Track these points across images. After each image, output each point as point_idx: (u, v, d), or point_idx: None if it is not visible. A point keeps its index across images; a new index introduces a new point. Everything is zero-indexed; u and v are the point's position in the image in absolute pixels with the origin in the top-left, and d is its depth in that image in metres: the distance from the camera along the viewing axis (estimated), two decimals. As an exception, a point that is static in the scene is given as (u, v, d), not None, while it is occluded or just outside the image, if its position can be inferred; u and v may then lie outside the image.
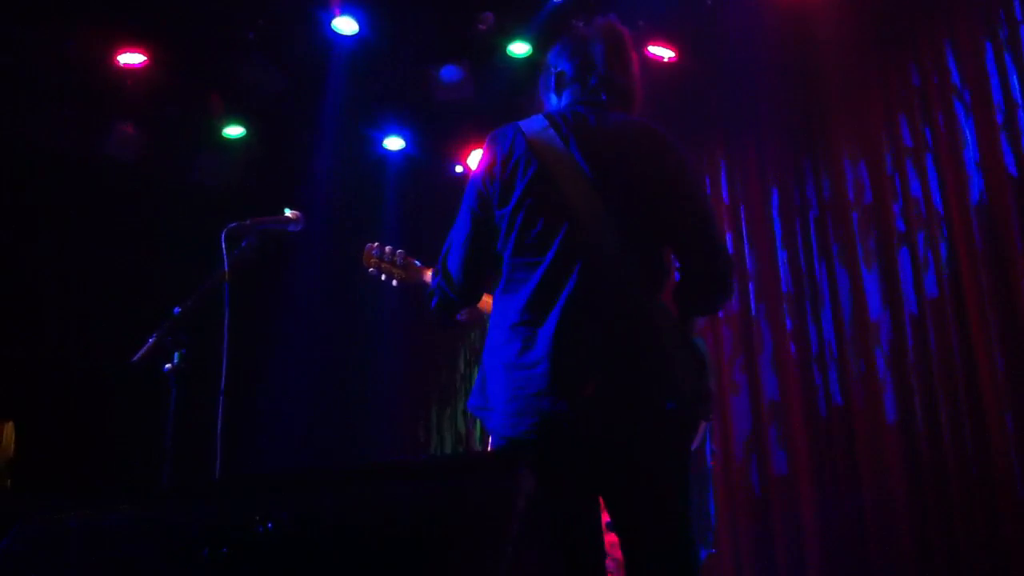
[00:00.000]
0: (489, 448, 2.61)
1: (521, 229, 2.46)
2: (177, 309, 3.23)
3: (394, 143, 7.10)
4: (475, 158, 7.12)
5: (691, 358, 2.43)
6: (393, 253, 3.27)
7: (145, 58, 5.98)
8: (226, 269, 3.29)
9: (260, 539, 1.87)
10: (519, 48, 6.46)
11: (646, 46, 6.23)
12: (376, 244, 3.36)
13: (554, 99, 2.72)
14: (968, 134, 5.49)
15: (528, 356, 2.36)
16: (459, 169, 7.27)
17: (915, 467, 5.41)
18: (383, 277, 3.31)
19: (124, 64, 5.98)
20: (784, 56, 6.20)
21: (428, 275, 3.09)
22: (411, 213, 7.11)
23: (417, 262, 3.27)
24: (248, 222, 3.43)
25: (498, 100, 6.81)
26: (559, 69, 2.72)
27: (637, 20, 6.22)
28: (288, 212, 3.56)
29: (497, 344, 2.46)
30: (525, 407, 2.34)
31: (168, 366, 3.19)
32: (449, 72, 6.41)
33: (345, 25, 6.10)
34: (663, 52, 6.25)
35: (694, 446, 2.74)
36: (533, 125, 2.57)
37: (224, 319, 3.22)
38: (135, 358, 3.18)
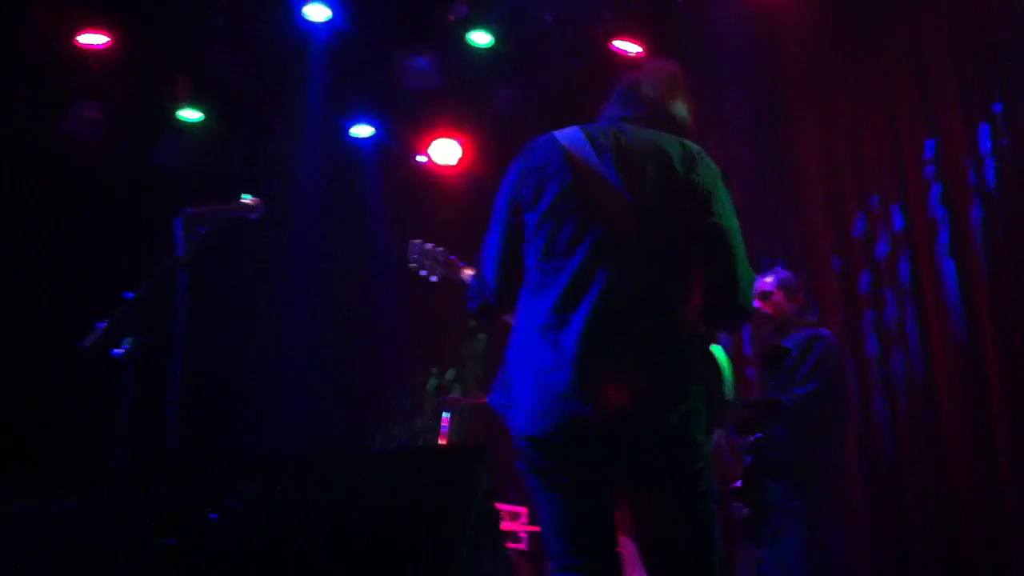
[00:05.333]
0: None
1: (549, 235, 2.52)
2: (130, 294, 3.18)
3: (362, 130, 7.07)
4: (440, 148, 7.13)
5: (710, 369, 2.52)
6: (435, 250, 3.33)
7: (109, 39, 5.92)
8: (180, 255, 3.25)
9: (209, 528, 1.85)
10: (480, 37, 6.42)
11: (612, 41, 6.24)
12: (420, 240, 3.43)
13: (600, 116, 2.78)
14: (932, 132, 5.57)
15: (554, 359, 2.41)
16: (422, 159, 7.25)
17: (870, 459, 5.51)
18: (423, 273, 3.37)
19: (85, 44, 5.91)
20: (751, 54, 6.24)
21: (466, 273, 3.17)
22: (380, 201, 7.07)
23: (458, 260, 3.32)
24: (204, 208, 3.38)
25: (464, 89, 6.81)
26: (606, 98, 2.79)
27: (603, 12, 6.24)
28: (247, 198, 3.52)
29: (523, 345, 2.51)
30: (551, 408, 2.39)
31: (119, 352, 3.14)
32: (417, 61, 6.39)
33: (316, 12, 6.07)
34: (630, 47, 6.26)
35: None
36: (569, 136, 2.63)
37: (178, 306, 3.18)
38: (86, 343, 3.13)
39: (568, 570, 2.43)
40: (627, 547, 2.57)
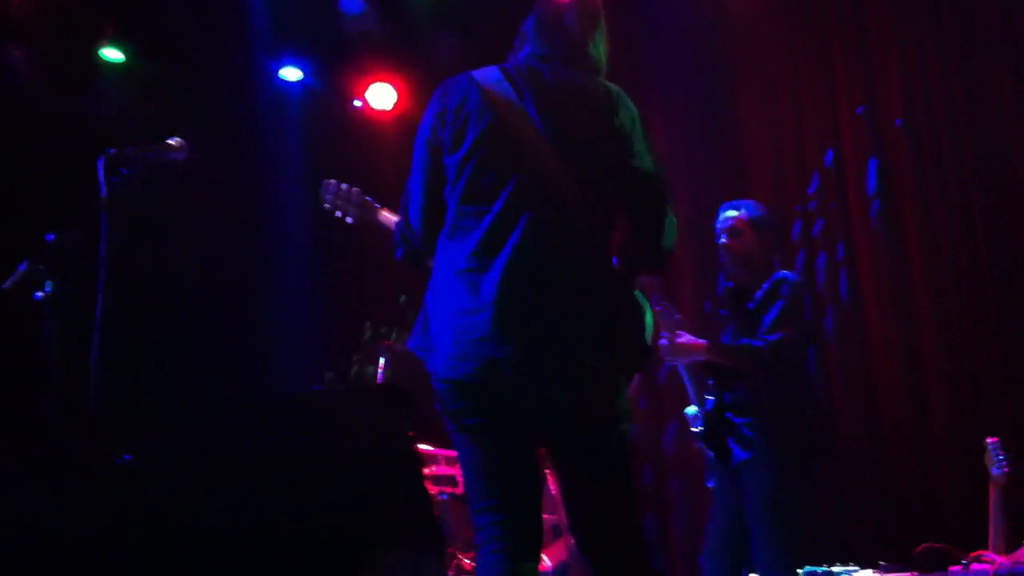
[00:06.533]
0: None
1: (471, 177, 2.48)
2: (50, 236, 3.13)
3: (292, 73, 6.98)
4: (376, 92, 7.06)
5: (632, 312, 2.50)
6: (350, 191, 3.29)
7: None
8: (104, 196, 3.19)
9: (120, 471, 1.84)
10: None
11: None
12: (333, 181, 3.37)
13: (516, 54, 2.72)
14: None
15: (473, 302, 2.39)
16: (357, 104, 7.17)
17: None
18: (338, 214, 3.33)
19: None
20: (697, 30, 6.28)
21: (384, 215, 3.13)
22: (310, 146, 6.98)
23: (373, 201, 3.28)
24: (128, 149, 3.33)
25: (399, 35, 6.73)
26: (523, 29, 2.72)
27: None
28: (172, 140, 3.46)
29: (441, 288, 2.49)
30: (468, 351, 2.38)
31: (40, 295, 3.09)
32: (350, 3, 6.30)
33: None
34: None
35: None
36: (487, 76, 2.58)
37: (101, 249, 3.13)
38: (5, 285, 3.08)
39: (487, 512, 2.42)
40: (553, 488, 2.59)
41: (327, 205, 3.32)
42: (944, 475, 5.19)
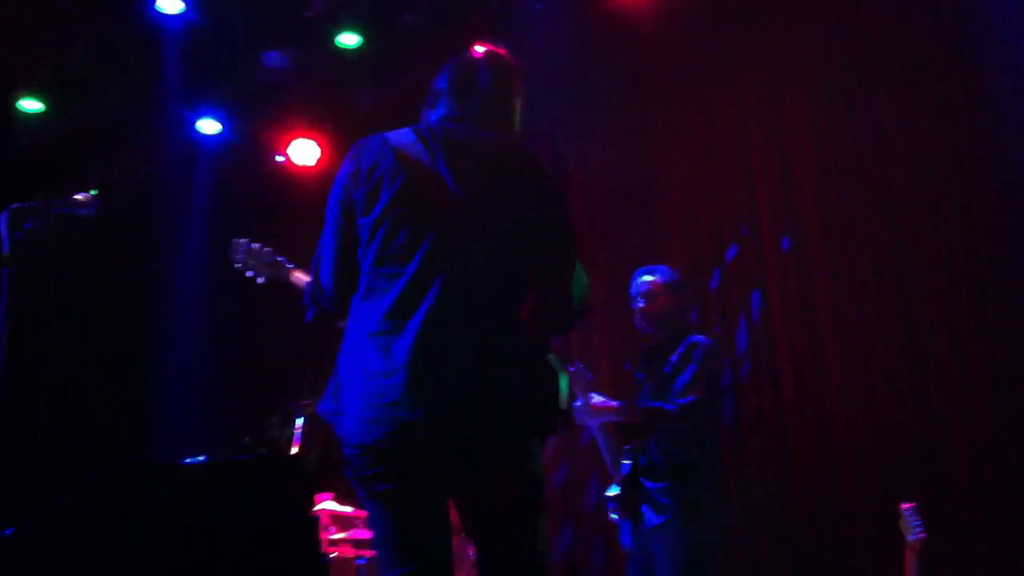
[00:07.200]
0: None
1: (383, 240, 2.46)
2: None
3: (210, 126, 6.86)
4: (299, 148, 6.99)
5: (545, 375, 2.50)
6: (261, 250, 3.24)
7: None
8: (6, 252, 3.09)
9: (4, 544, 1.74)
10: (348, 39, 6.38)
11: (475, 45, 6.22)
12: (244, 240, 3.34)
13: (429, 115, 2.70)
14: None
15: (385, 365, 2.36)
16: (279, 159, 7.10)
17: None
18: (248, 273, 3.27)
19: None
20: (611, 59, 6.35)
21: (296, 275, 3.10)
22: (225, 201, 6.87)
23: (285, 261, 3.22)
24: (34, 204, 3.23)
25: (323, 90, 6.71)
26: (437, 87, 2.70)
27: (470, 17, 6.23)
28: (79, 195, 3.37)
29: (354, 352, 2.45)
30: (380, 415, 2.34)
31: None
32: (273, 57, 6.26)
33: (169, 3, 5.90)
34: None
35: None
36: (401, 138, 2.57)
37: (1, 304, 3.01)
38: None
39: (399, 580, 2.38)
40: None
41: (237, 265, 3.27)
42: (858, 541, 5.23)
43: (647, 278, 4.30)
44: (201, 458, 2.18)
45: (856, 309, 5.48)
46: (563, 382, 2.57)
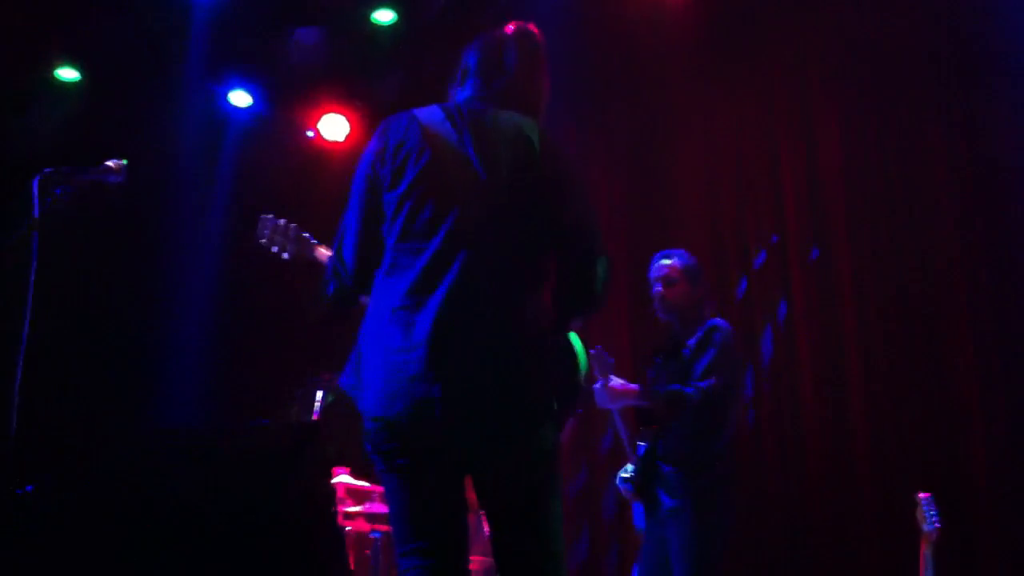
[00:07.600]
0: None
1: (408, 215, 2.48)
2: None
3: (241, 98, 6.89)
4: (329, 123, 7.01)
5: (564, 355, 2.54)
6: (287, 226, 3.27)
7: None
8: (36, 217, 3.13)
9: (19, 501, 1.78)
10: (384, 15, 6.42)
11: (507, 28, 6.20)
12: (271, 215, 3.36)
13: (457, 92, 2.73)
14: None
15: (406, 340, 2.38)
16: (309, 134, 7.12)
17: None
18: (274, 249, 3.29)
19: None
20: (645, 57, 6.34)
21: (320, 251, 3.13)
22: (255, 174, 6.90)
23: (311, 238, 3.25)
24: (65, 169, 3.27)
25: (355, 66, 6.72)
26: (466, 64, 2.72)
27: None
28: (110, 162, 3.41)
29: (376, 327, 2.47)
30: (399, 390, 2.36)
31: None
32: (305, 34, 6.28)
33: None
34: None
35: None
36: (429, 115, 2.59)
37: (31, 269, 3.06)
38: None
39: (412, 555, 2.41)
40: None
41: (263, 240, 3.30)
42: (873, 531, 5.22)
43: (665, 262, 4.30)
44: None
45: (881, 321, 5.46)
46: (582, 362, 2.58)
